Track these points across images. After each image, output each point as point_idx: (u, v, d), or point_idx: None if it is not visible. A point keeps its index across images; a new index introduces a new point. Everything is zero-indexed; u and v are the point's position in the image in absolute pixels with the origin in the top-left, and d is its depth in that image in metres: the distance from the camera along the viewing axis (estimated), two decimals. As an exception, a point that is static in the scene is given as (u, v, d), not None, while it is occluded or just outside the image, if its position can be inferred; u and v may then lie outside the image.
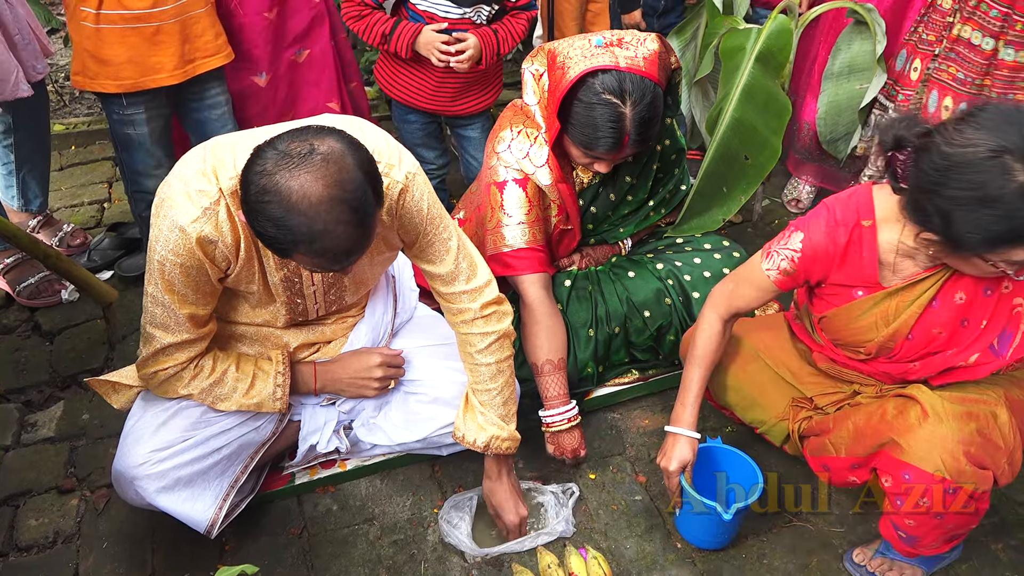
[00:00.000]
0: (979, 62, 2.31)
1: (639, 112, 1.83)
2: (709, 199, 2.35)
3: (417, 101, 2.54)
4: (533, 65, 2.01)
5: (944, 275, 1.56)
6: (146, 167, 2.36)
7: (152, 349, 1.66)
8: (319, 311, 1.84)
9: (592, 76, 1.83)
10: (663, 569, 1.86)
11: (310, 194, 1.31)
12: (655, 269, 2.21)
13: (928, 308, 1.59)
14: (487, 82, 2.56)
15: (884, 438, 1.63)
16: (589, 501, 2.01)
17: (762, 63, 2.31)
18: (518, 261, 2.05)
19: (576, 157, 1.98)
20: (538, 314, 2.03)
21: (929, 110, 2.44)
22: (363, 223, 1.38)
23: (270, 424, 1.88)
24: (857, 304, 1.64)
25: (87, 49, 2.15)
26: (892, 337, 1.64)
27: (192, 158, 1.54)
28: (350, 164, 1.35)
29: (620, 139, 1.84)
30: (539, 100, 2.01)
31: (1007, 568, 1.85)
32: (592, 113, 1.83)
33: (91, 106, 3.86)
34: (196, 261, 1.53)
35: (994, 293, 1.55)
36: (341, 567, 1.85)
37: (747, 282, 1.77)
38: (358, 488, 2.04)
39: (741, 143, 2.34)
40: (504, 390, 1.82)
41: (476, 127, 2.63)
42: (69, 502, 2.00)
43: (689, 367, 1.84)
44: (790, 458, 2.09)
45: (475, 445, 1.83)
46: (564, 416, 1.99)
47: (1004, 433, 1.58)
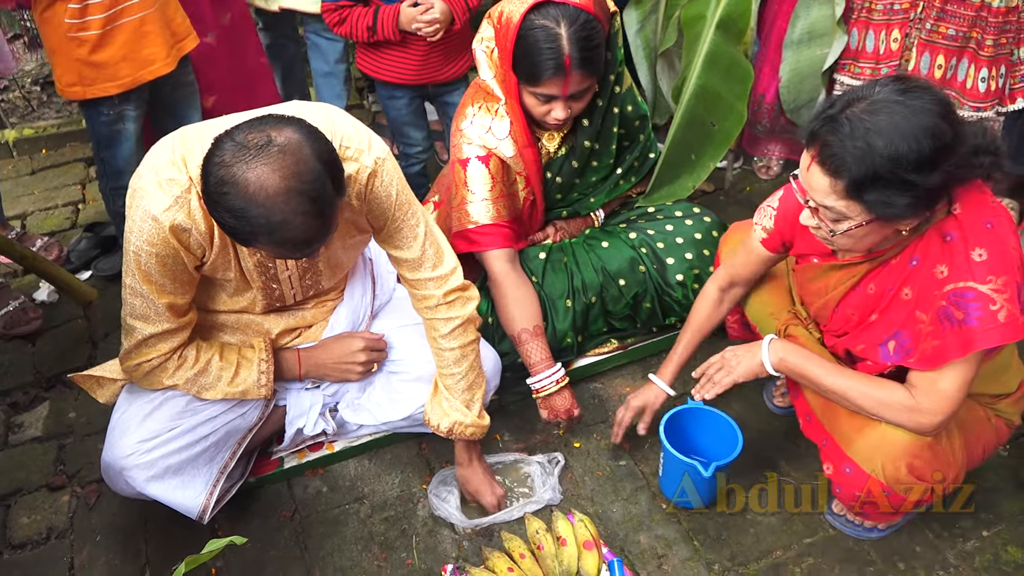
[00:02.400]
0: (968, 15, 2.34)
1: (575, 31, 1.86)
2: (678, 167, 2.38)
3: (406, 77, 2.57)
4: (483, 43, 2.05)
5: (872, 265, 1.59)
6: (128, 164, 2.37)
7: (134, 341, 1.68)
8: (296, 296, 1.86)
9: (530, 13, 1.89)
10: (649, 529, 1.90)
11: (267, 186, 1.32)
12: (628, 238, 2.25)
13: (852, 290, 1.64)
14: (465, 44, 2.59)
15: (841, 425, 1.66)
16: (575, 469, 2.05)
17: (723, 30, 2.33)
18: (482, 237, 2.08)
19: (532, 108, 2.01)
20: (505, 286, 2.07)
21: (922, 71, 2.46)
22: (322, 213, 1.39)
23: (256, 410, 1.90)
24: (811, 267, 1.69)
25: (79, 58, 2.14)
26: (824, 307, 1.70)
27: (162, 148, 1.55)
28: (308, 155, 1.36)
29: (561, 60, 1.87)
30: (495, 74, 2.04)
31: (981, 508, 1.91)
32: (530, 40, 1.88)
33: (59, 110, 3.84)
34: (171, 250, 1.54)
35: (894, 292, 1.56)
36: (334, 545, 1.89)
37: (741, 244, 1.82)
38: (347, 469, 2.07)
39: (707, 110, 2.37)
40: (468, 374, 1.84)
41: (459, 92, 2.66)
42: (60, 499, 2.02)
43: (682, 330, 2.00)
44: (769, 421, 2.15)
45: (439, 430, 1.85)
46: (552, 379, 2.03)
47: (954, 450, 1.60)
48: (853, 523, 1.87)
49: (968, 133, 1.38)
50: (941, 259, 1.45)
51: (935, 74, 2.45)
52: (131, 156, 2.35)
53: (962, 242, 1.43)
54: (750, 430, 2.10)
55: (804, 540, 1.87)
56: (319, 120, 1.53)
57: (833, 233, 1.47)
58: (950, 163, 1.34)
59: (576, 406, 2.05)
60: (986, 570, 1.79)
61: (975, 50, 2.41)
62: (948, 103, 1.36)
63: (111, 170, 2.40)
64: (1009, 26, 2.37)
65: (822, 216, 1.47)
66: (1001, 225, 1.44)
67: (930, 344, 1.46)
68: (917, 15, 2.42)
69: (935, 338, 1.46)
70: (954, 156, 1.34)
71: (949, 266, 1.44)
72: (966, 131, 1.38)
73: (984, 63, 2.41)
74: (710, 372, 1.79)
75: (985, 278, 1.40)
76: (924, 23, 2.41)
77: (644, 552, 1.85)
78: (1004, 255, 1.41)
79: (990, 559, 1.81)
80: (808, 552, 1.84)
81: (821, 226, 1.49)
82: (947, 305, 1.43)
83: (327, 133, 1.52)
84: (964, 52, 2.42)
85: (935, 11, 2.37)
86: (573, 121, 2.13)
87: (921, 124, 1.31)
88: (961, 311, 1.41)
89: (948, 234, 1.45)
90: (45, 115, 3.86)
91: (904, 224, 1.44)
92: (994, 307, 1.39)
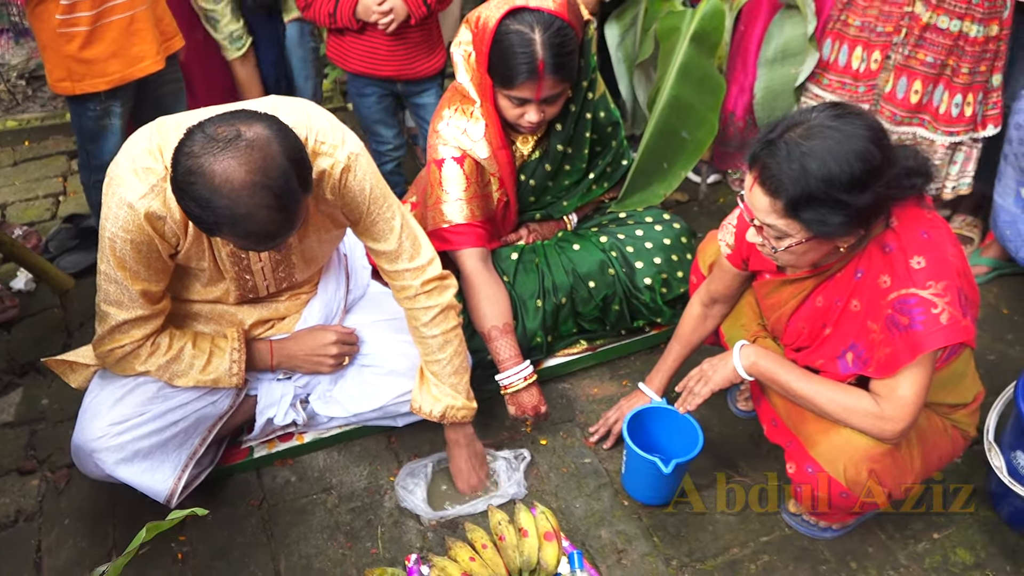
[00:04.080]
0: (947, 44, 2.41)
1: (548, 37, 1.92)
2: (650, 174, 2.44)
3: (372, 68, 2.61)
4: (461, 47, 2.10)
5: (818, 279, 1.65)
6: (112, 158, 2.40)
7: (107, 327, 1.71)
8: (269, 288, 1.90)
9: (506, 18, 1.95)
10: (611, 524, 1.94)
11: (233, 179, 1.36)
12: (599, 242, 2.30)
13: (802, 304, 1.70)
14: (433, 43, 2.65)
15: (808, 426, 1.71)
16: (540, 465, 2.09)
17: (697, 43, 2.40)
18: (456, 236, 2.13)
19: (506, 111, 2.06)
20: (476, 284, 2.12)
21: (898, 96, 2.53)
22: (286, 208, 1.42)
23: (227, 398, 1.93)
24: (766, 283, 1.76)
25: (69, 54, 2.17)
26: (778, 321, 1.77)
27: (139, 137, 1.59)
28: (275, 151, 1.39)
29: (534, 64, 1.93)
30: (471, 77, 2.09)
31: (932, 511, 1.97)
32: (505, 44, 1.94)
33: (44, 104, 3.86)
34: (146, 237, 1.57)
35: (843, 304, 1.62)
36: (300, 534, 1.92)
37: (718, 264, 1.88)
38: (316, 460, 2.10)
39: (679, 120, 2.44)
40: (454, 359, 1.89)
41: (430, 93, 2.71)
42: (30, 483, 2.03)
43: (671, 342, 2.08)
44: (732, 424, 2.21)
45: (432, 416, 1.90)
46: (520, 375, 2.07)
47: (913, 458, 1.66)
48: (808, 523, 1.92)
49: (900, 156, 1.48)
50: (883, 270, 1.52)
51: (911, 99, 2.51)
52: (115, 151, 2.37)
53: (900, 252, 1.50)
54: (713, 432, 2.16)
55: (760, 538, 1.92)
56: (295, 115, 1.58)
57: (775, 250, 1.55)
58: (880, 184, 1.42)
59: (543, 403, 2.09)
60: (935, 571, 1.84)
61: (950, 77, 2.47)
62: (880, 129, 1.45)
63: (95, 164, 2.43)
64: (987, 54, 2.43)
65: (766, 234, 1.54)
66: (938, 234, 1.52)
67: (883, 352, 1.52)
68: (901, 40, 2.48)
69: (886, 345, 1.52)
70: (884, 177, 1.43)
71: (891, 276, 1.51)
72: (897, 154, 1.47)
73: (958, 89, 2.48)
74: (690, 384, 1.84)
75: (925, 283, 1.47)
76: (902, 47, 2.47)
77: (604, 546, 1.89)
78: (942, 262, 1.48)
79: (939, 560, 1.87)
80: (764, 550, 1.89)
81: (765, 243, 1.56)
82: (893, 313, 1.50)
83: (303, 128, 1.56)
84: (940, 79, 2.48)
85: (914, 37, 2.43)
86: (547, 125, 2.19)
87: (852, 148, 1.40)
88: (906, 316, 1.48)
89: (887, 245, 1.53)
90: (30, 109, 3.88)
91: (842, 241, 1.52)
92: (935, 310, 1.45)
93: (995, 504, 1.98)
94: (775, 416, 1.82)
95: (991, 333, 2.50)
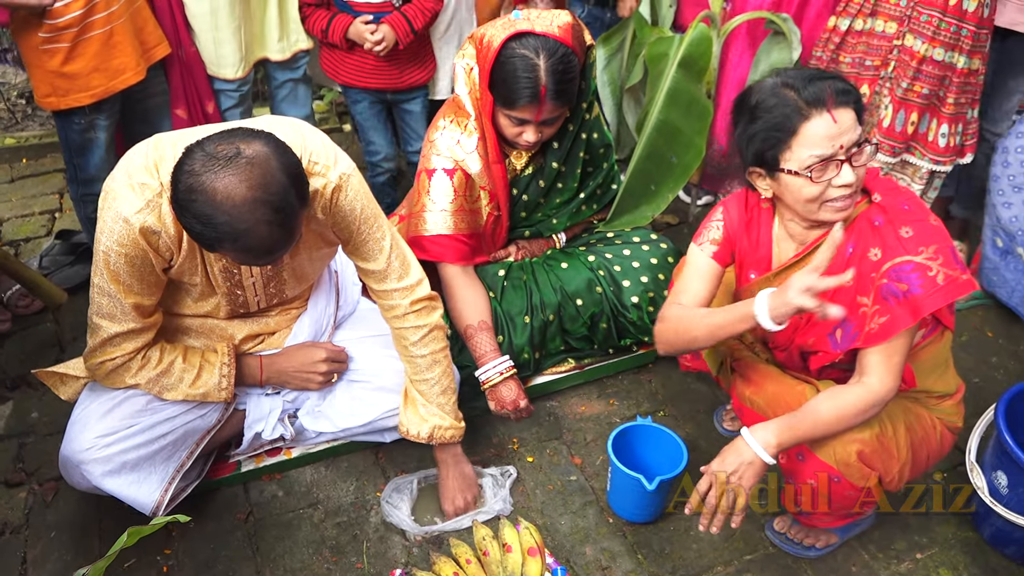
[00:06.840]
0: (938, 75, 2.49)
1: (552, 64, 1.97)
2: (638, 197, 2.48)
3: (361, 79, 2.68)
4: (464, 60, 2.14)
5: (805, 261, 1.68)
6: (99, 171, 2.42)
7: (99, 339, 1.73)
8: (260, 303, 1.92)
9: (511, 40, 1.99)
10: (596, 541, 1.95)
11: (234, 195, 1.39)
12: (586, 260, 2.33)
13: None
14: (421, 57, 2.72)
15: None
16: (526, 482, 2.11)
17: (684, 68, 2.45)
18: (433, 246, 2.16)
19: (504, 128, 2.10)
20: (454, 286, 2.16)
21: (896, 129, 2.60)
22: (285, 223, 1.46)
23: (215, 412, 1.94)
24: (752, 284, 1.78)
25: (52, 70, 2.20)
26: None
27: (136, 153, 1.62)
28: (274, 167, 1.43)
29: (536, 89, 1.97)
30: (470, 91, 2.13)
31: (915, 532, 1.99)
32: (508, 67, 1.98)
33: (43, 123, 3.90)
34: (140, 251, 1.60)
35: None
36: (285, 548, 1.92)
37: (688, 275, 1.83)
38: (303, 475, 2.11)
39: (667, 144, 2.48)
40: (442, 379, 1.91)
41: (417, 101, 2.78)
42: (17, 495, 2.04)
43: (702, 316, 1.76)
44: (718, 443, 2.22)
45: (419, 437, 1.92)
46: (496, 369, 2.09)
47: (899, 445, 1.69)
48: (793, 542, 1.93)
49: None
50: (874, 243, 1.59)
51: (908, 130, 2.59)
52: (102, 164, 2.41)
53: (889, 224, 1.58)
54: (699, 451, 2.17)
55: (744, 556, 1.93)
56: (290, 135, 1.61)
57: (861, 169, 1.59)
58: None
59: (523, 397, 2.10)
60: (917, 590, 1.86)
61: (937, 107, 2.55)
62: None
63: (82, 177, 2.46)
64: (969, 87, 2.53)
65: (854, 159, 1.57)
66: (917, 205, 1.62)
67: (877, 322, 1.58)
68: (888, 73, 2.55)
69: (882, 315, 1.57)
70: None
71: (882, 247, 1.58)
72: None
73: (945, 119, 2.56)
74: (712, 502, 1.63)
75: (917, 250, 1.55)
76: (899, 81, 2.53)
77: (589, 563, 1.90)
78: (927, 228, 1.57)
79: (921, 580, 1.88)
80: (747, 568, 1.90)
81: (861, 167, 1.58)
82: (889, 282, 1.56)
83: (298, 148, 1.60)
84: (929, 108, 2.56)
85: (911, 71, 2.50)
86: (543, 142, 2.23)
87: None
88: (904, 283, 1.54)
89: (876, 219, 1.60)
90: (28, 127, 3.91)
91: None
92: (931, 273, 1.53)
93: (977, 524, 1.99)
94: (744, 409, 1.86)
95: (975, 356, 2.53)
